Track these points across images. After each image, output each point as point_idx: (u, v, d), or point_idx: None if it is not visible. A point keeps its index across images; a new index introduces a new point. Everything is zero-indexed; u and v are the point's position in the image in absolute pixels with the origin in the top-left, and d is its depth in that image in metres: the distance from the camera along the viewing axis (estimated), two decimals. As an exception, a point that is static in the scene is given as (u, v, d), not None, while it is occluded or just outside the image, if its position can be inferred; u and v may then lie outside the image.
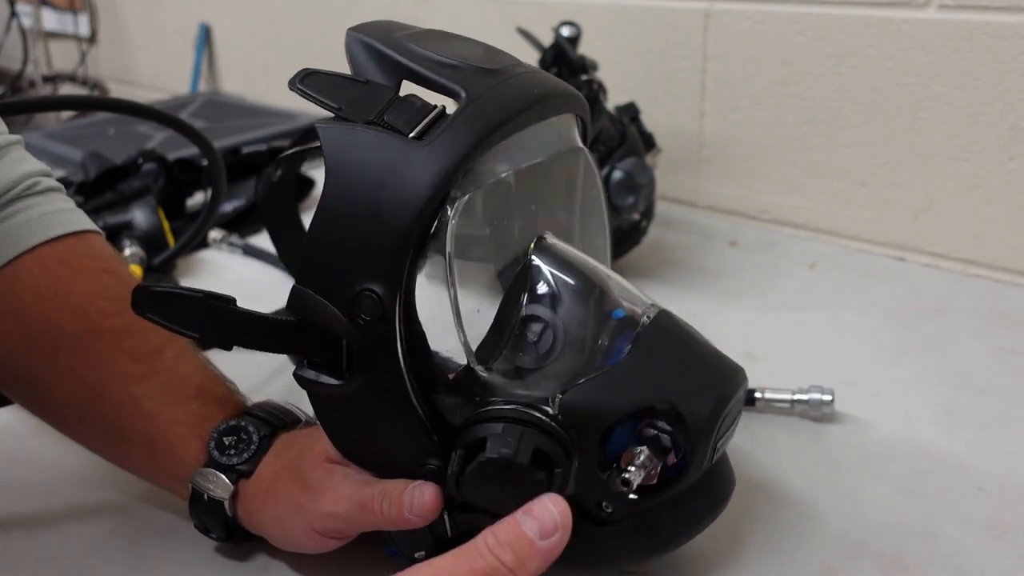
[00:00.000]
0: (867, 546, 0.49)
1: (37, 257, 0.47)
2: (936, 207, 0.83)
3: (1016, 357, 0.68)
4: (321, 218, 0.39)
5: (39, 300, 0.47)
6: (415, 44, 0.42)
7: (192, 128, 0.70)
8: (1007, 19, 0.74)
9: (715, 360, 0.43)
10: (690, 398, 0.41)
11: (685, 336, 0.44)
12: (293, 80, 0.41)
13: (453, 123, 0.39)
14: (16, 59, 2.07)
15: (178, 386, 0.48)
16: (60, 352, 0.47)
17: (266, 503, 0.46)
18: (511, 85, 0.41)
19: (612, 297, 0.45)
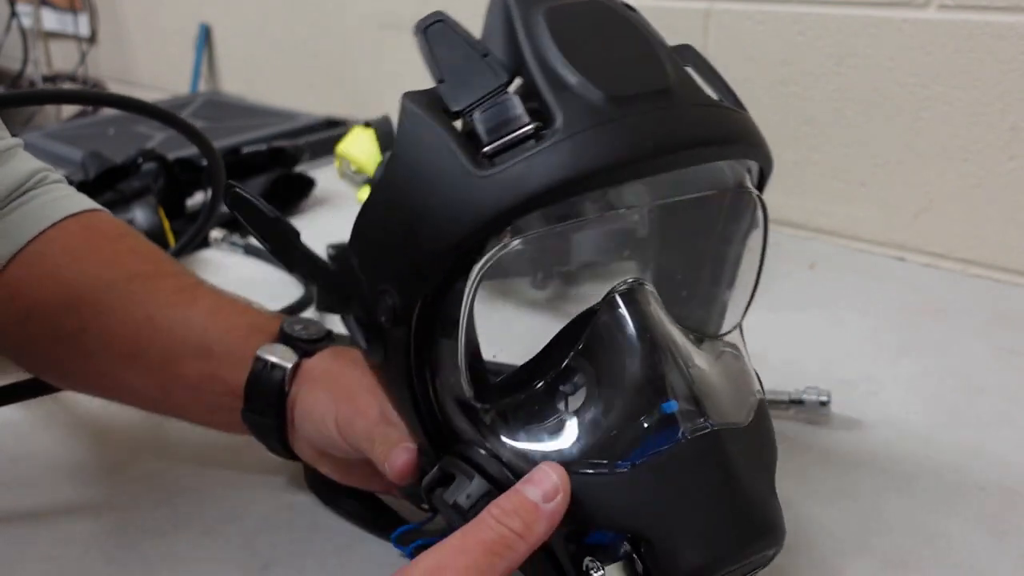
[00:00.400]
0: (867, 546, 0.49)
1: (62, 229, 0.50)
2: (936, 207, 0.83)
3: (1016, 357, 0.68)
4: (372, 200, 0.38)
5: (73, 260, 0.49)
6: (551, 29, 0.36)
7: (192, 127, 0.70)
8: (1007, 19, 0.74)
9: (741, 513, 0.36)
10: (677, 544, 0.35)
11: (722, 469, 0.36)
12: (422, 23, 0.37)
13: (530, 159, 0.33)
14: (16, 59, 2.07)
15: (227, 305, 0.51)
16: (102, 296, 0.49)
17: (319, 383, 0.48)
18: (628, 126, 0.34)
19: (675, 384, 0.37)
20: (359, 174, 0.84)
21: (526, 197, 0.33)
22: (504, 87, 0.35)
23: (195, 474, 0.56)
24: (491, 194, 0.33)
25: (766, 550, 0.36)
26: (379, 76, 1.36)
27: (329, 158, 1.11)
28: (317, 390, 0.48)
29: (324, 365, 0.49)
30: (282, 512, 0.52)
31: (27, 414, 0.63)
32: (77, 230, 0.50)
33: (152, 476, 0.56)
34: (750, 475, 0.37)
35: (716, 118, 0.37)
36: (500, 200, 0.33)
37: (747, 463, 0.37)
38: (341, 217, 1.02)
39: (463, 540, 0.33)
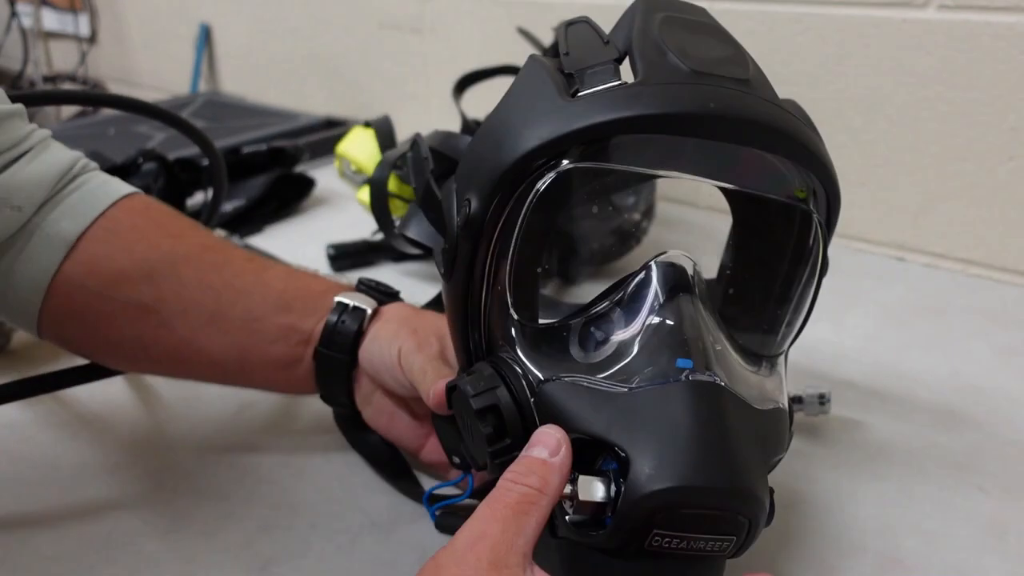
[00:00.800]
0: (867, 546, 0.49)
1: (123, 208, 0.51)
2: (936, 207, 0.83)
3: (1016, 357, 0.68)
4: (478, 130, 0.43)
5: (144, 234, 0.51)
6: (660, 27, 0.41)
7: (192, 127, 0.70)
8: (1007, 19, 0.74)
9: (721, 461, 0.36)
10: (650, 465, 0.36)
11: (714, 417, 0.37)
12: (568, 21, 0.44)
13: (605, 93, 0.38)
14: (16, 59, 2.07)
15: (298, 271, 0.55)
16: (180, 267, 0.51)
17: (393, 321, 0.52)
18: (698, 88, 0.38)
19: (697, 349, 0.39)
20: (359, 174, 0.84)
21: (590, 122, 0.38)
22: (612, 61, 0.40)
23: (195, 474, 0.56)
24: (566, 115, 0.38)
25: (737, 508, 0.36)
26: (379, 76, 1.36)
27: (329, 158, 1.11)
28: (389, 324, 0.52)
29: (398, 310, 0.54)
30: (282, 512, 0.52)
31: (27, 414, 0.63)
32: (138, 208, 0.52)
33: (152, 476, 0.56)
34: (741, 440, 0.37)
35: (783, 115, 0.40)
36: (571, 121, 0.38)
37: (743, 433, 0.38)
38: (341, 217, 1.02)
39: (491, 509, 0.35)
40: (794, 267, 0.45)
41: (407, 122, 1.12)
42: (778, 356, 0.46)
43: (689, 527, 0.36)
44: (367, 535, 0.50)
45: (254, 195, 1.00)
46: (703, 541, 0.36)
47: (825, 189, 0.43)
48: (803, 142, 0.40)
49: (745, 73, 0.40)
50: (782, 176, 0.42)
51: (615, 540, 0.36)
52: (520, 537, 0.34)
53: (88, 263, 0.49)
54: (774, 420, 0.41)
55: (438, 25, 1.22)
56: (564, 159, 0.39)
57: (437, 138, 0.71)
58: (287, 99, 1.50)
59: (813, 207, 0.44)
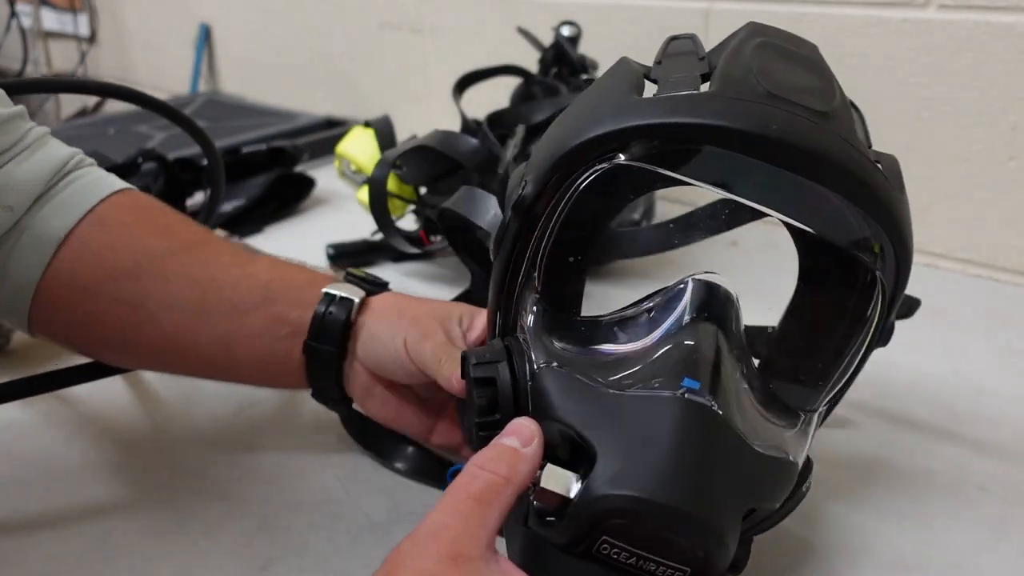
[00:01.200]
0: (867, 546, 0.49)
1: (112, 204, 0.51)
2: (936, 207, 0.83)
3: (1016, 357, 0.68)
4: (561, 112, 0.44)
5: (131, 231, 0.52)
6: (753, 49, 0.41)
7: (195, 125, 0.70)
8: (1007, 19, 0.74)
9: (686, 486, 0.34)
10: (612, 467, 0.35)
11: (695, 440, 0.36)
12: (673, 36, 0.45)
13: (669, 98, 0.38)
14: (16, 59, 2.07)
15: (285, 262, 0.55)
16: (166, 263, 0.51)
17: (386, 312, 0.52)
18: (761, 109, 0.37)
19: (707, 373, 0.38)
20: (359, 174, 0.84)
21: (642, 122, 0.37)
22: (699, 75, 0.40)
23: (195, 474, 0.56)
24: (625, 113, 0.38)
25: (692, 536, 0.34)
26: (379, 76, 1.36)
27: (329, 158, 1.11)
28: (384, 317, 0.51)
29: (389, 300, 0.53)
30: (282, 512, 0.52)
31: (27, 414, 0.63)
32: (128, 204, 0.52)
33: (152, 476, 0.56)
34: (717, 470, 0.36)
35: (851, 153, 0.37)
36: (626, 118, 0.38)
37: (725, 465, 0.36)
38: (341, 217, 1.02)
39: (454, 498, 0.34)
40: (848, 326, 0.43)
41: (407, 122, 1.12)
42: (809, 412, 0.43)
43: (640, 543, 0.34)
44: (367, 535, 0.50)
45: (254, 195, 1.00)
46: (654, 564, 0.34)
47: (895, 250, 0.39)
48: (865, 183, 0.37)
49: (826, 106, 0.39)
50: (851, 226, 0.39)
51: (566, 536, 0.35)
52: (483, 528, 0.33)
53: (75, 260, 0.49)
54: (773, 468, 0.39)
55: (438, 25, 1.22)
56: (621, 155, 0.38)
57: (437, 138, 0.71)
58: (287, 99, 1.50)
59: (879, 267, 0.40)
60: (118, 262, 0.50)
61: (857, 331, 0.42)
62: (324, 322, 0.51)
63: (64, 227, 0.49)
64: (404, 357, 0.49)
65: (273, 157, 1.06)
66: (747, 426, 0.38)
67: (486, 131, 0.70)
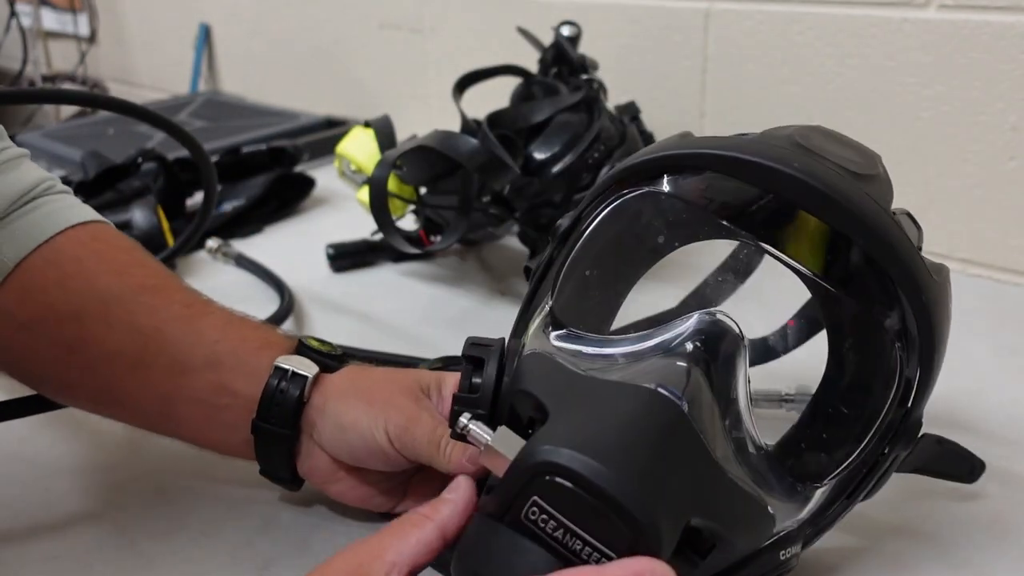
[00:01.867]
0: (867, 546, 0.49)
1: (70, 237, 0.49)
2: (936, 207, 0.83)
3: (1016, 357, 0.68)
4: None
5: (82, 269, 0.49)
6: (796, 127, 0.43)
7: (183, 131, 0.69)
8: (1007, 19, 0.74)
9: (636, 464, 0.34)
10: (559, 430, 0.35)
11: (652, 429, 0.35)
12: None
13: (710, 139, 0.41)
14: (16, 59, 2.07)
15: (238, 320, 0.51)
16: (111, 308, 0.48)
17: (345, 395, 0.47)
18: (785, 152, 0.38)
19: (682, 385, 0.37)
20: (359, 174, 0.84)
21: (666, 153, 0.41)
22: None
23: (195, 474, 0.56)
24: (666, 150, 0.42)
25: (617, 513, 0.33)
26: (379, 76, 1.36)
27: (329, 158, 1.11)
28: (350, 401, 0.47)
29: (350, 376, 0.49)
30: (282, 512, 0.52)
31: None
32: (85, 239, 0.50)
33: (152, 476, 0.56)
34: (667, 465, 0.35)
35: (876, 210, 0.38)
36: (662, 152, 0.42)
37: (678, 464, 0.35)
38: (341, 217, 1.02)
39: (378, 531, 0.38)
40: (861, 403, 0.42)
41: (407, 122, 1.12)
42: (807, 484, 0.41)
43: (567, 510, 0.33)
44: (367, 536, 0.50)
45: (254, 195, 1.00)
46: (580, 542, 0.33)
47: (916, 321, 0.39)
48: (879, 231, 0.37)
49: (859, 169, 0.39)
50: (870, 285, 0.39)
51: (500, 496, 0.35)
52: (390, 550, 0.36)
53: (20, 293, 0.47)
54: (736, 494, 0.37)
55: (438, 25, 1.22)
56: (651, 186, 0.42)
57: (437, 138, 0.71)
58: (287, 99, 1.50)
59: (900, 351, 0.39)
60: (62, 301, 0.48)
61: (870, 413, 0.41)
62: (274, 400, 0.47)
63: (15, 257, 0.47)
64: (388, 448, 0.46)
65: (273, 157, 1.06)
66: (719, 450, 0.37)
67: (486, 131, 0.70)
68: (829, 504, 0.42)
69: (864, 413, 0.41)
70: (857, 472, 0.41)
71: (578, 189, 0.74)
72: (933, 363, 0.40)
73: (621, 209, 0.43)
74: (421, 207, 0.81)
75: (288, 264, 0.87)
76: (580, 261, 0.44)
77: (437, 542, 0.37)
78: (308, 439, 0.48)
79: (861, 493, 0.42)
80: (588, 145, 0.73)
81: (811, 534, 0.43)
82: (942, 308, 0.39)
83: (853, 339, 0.43)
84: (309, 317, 0.78)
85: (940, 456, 0.47)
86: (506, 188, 0.73)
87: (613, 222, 0.44)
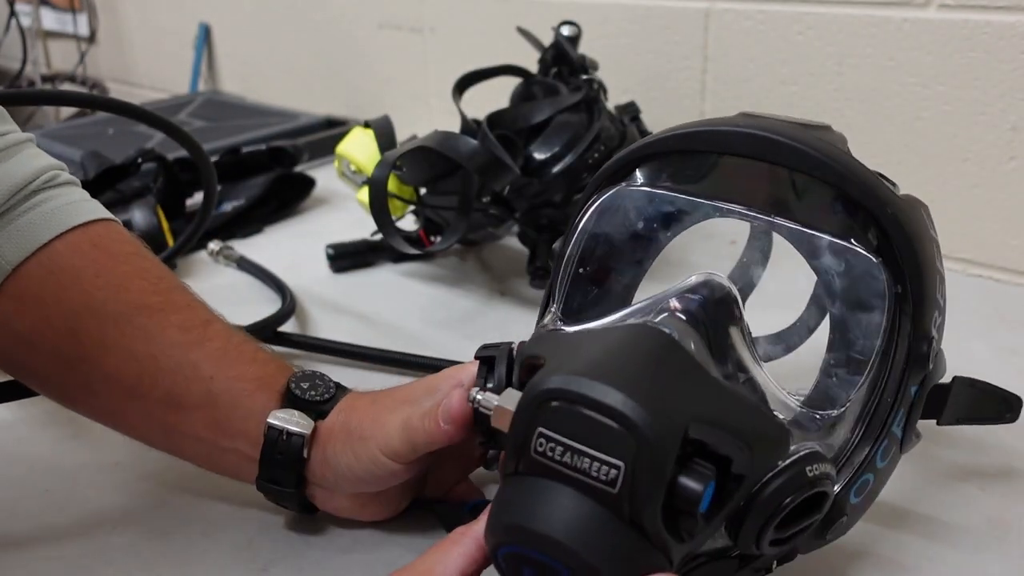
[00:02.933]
0: (867, 546, 0.49)
1: (69, 242, 0.47)
2: (936, 207, 0.82)
3: (1016, 357, 0.68)
4: None
5: (79, 281, 0.47)
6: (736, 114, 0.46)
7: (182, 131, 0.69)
8: (1007, 19, 0.74)
9: (631, 375, 0.34)
10: (552, 366, 0.36)
11: (645, 352, 0.36)
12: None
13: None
14: (15, 58, 2.07)
15: (235, 349, 0.49)
16: (107, 329, 0.47)
17: (340, 440, 0.47)
18: (730, 119, 0.43)
19: (672, 319, 0.40)
20: (359, 174, 0.84)
21: (631, 148, 0.46)
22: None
23: (195, 474, 0.56)
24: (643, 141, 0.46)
25: (621, 420, 0.32)
26: (379, 76, 1.36)
27: (329, 158, 1.11)
28: (341, 446, 0.47)
29: (344, 419, 0.48)
30: (282, 512, 0.52)
31: (27, 414, 0.63)
32: (85, 247, 0.48)
33: (152, 476, 0.56)
34: (664, 377, 0.35)
35: (830, 146, 0.41)
36: (629, 148, 0.47)
37: (669, 375, 0.35)
38: (341, 217, 1.02)
39: (426, 551, 0.39)
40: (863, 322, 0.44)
41: (407, 122, 1.12)
42: (826, 414, 0.41)
43: (569, 431, 0.33)
44: (367, 536, 0.50)
45: (254, 195, 1.00)
46: (587, 459, 0.33)
47: (890, 232, 0.41)
48: (828, 159, 0.40)
49: (807, 123, 0.42)
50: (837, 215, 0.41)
51: (510, 444, 0.35)
52: (436, 567, 0.37)
53: (18, 302, 0.46)
54: (741, 404, 0.37)
55: (438, 25, 1.22)
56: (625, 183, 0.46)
57: (437, 138, 0.71)
58: (287, 99, 1.50)
59: (884, 266, 0.41)
60: (59, 317, 0.46)
61: (871, 330, 0.42)
62: (274, 463, 0.47)
63: (13, 261, 0.45)
64: (391, 464, 0.45)
65: (273, 157, 1.06)
66: (715, 373, 0.39)
67: (486, 131, 0.70)
68: (862, 440, 0.42)
69: (867, 333, 0.43)
70: (883, 404, 0.42)
71: (578, 189, 0.74)
72: (922, 275, 0.42)
73: (604, 209, 0.47)
74: (421, 207, 0.81)
75: (288, 264, 0.87)
76: (577, 263, 0.47)
77: (478, 553, 0.37)
78: (318, 488, 0.49)
79: (893, 425, 0.42)
80: (588, 145, 0.73)
81: (855, 473, 0.42)
82: (914, 222, 0.42)
83: (838, 272, 0.45)
84: (309, 317, 0.78)
85: (976, 399, 0.48)
86: (506, 188, 0.73)
87: (600, 223, 0.48)
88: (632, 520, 0.33)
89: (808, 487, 0.37)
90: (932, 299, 0.42)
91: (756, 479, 0.36)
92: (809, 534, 0.40)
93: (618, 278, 0.51)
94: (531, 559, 0.34)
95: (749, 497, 0.36)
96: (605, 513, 0.33)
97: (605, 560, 0.32)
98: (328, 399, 0.49)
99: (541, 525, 0.33)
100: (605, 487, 0.32)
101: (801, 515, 0.38)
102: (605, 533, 0.33)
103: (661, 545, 0.33)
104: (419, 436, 0.44)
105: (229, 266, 0.89)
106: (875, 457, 0.42)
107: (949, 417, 0.46)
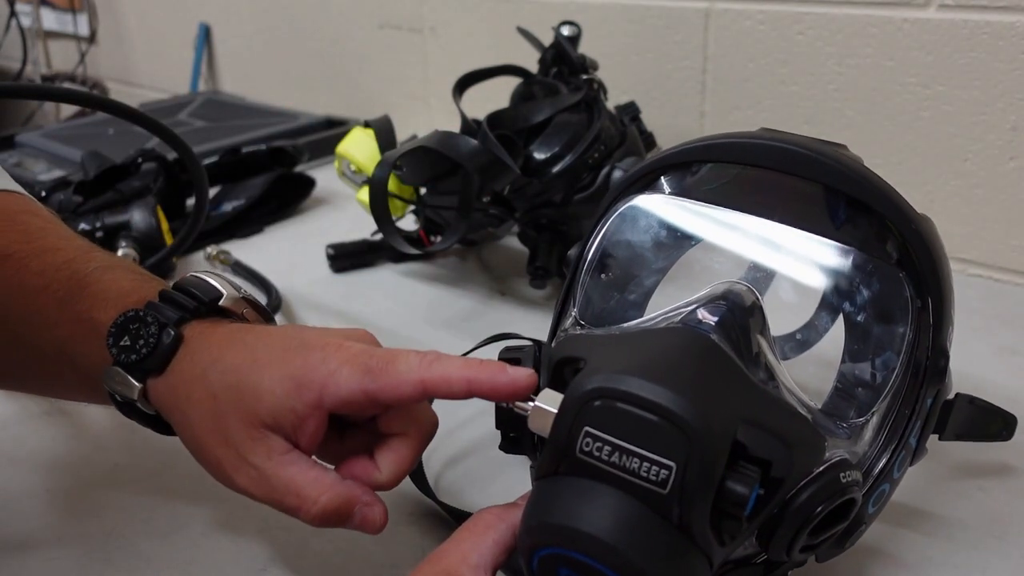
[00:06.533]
0: (867, 546, 0.49)
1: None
2: (936, 207, 0.83)
3: (1016, 357, 0.68)
4: None
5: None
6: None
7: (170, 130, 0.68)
8: (1007, 19, 0.74)
9: (678, 374, 0.35)
10: (595, 366, 0.36)
11: (688, 353, 0.37)
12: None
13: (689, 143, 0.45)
14: (15, 58, 2.07)
15: (77, 284, 0.44)
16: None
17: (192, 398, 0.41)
18: (751, 133, 0.43)
19: (707, 324, 0.40)
20: (359, 174, 0.84)
21: (651, 159, 0.47)
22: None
23: (195, 474, 0.56)
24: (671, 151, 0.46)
25: (670, 418, 0.32)
26: (379, 76, 1.36)
27: (329, 158, 1.11)
28: (195, 404, 0.42)
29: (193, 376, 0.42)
30: (282, 513, 0.52)
31: (26, 414, 0.63)
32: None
33: (152, 476, 0.56)
34: (707, 375, 0.35)
35: (858, 162, 0.42)
36: (647, 162, 0.47)
37: (713, 378, 0.35)
38: (341, 217, 1.02)
39: (459, 531, 0.38)
40: (887, 335, 0.43)
41: (407, 122, 1.12)
42: (853, 423, 0.41)
43: (619, 430, 0.33)
44: (366, 537, 0.50)
45: (254, 195, 1.00)
46: (637, 459, 0.32)
47: (913, 247, 0.41)
48: (859, 176, 0.41)
49: (826, 140, 0.43)
50: (860, 227, 0.42)
51: (552, 445, 0.35)
52: (474, 552, 0.36)
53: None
54: (780, 407, 0.37)
55: (438, 25, 1.22)
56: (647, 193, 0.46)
57: (437, 138, 0.71)
58: (287, 99, 1.50)
59: (906, 279, 0.41)
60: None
61: (895, 343, 0.42)
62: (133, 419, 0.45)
63: None
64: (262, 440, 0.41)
65: (273, 157, 1.06)
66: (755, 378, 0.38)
67: (486, 131, 0.70)
68: (882, 450, 0.42)
69: (889, 345, 0.42)
70: (901, 415, 0.42)
71: (578, 189, 0.74)
72: (942, 288, 0.42)
73: (626, 216, 0.47)
74: (421, 207, 0.81)
75: (288, 264, 0.87)
76: (598, 269, 0.47)
77: (511, 541, 0.37)
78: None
79: (910, 436, 0.42)
80: (588, 145, 0.73)
81: (874, 483, 0.42)
82: (935, 239, 0.42)
83: (862, 283, 0.44)
84: (309, 317, 0.78)
85: (976, 416, 0.48)
86: (506, 188, 0.73)
87: (623, 229, 0.48)
88: (680, 522, 0.32)
89: (840, 494, 0.37)
90: (950, 315, 0.43)
91: (794, 483, 0.36)
92: (831, 543, 0.40)
93: (638, 285, 0.51)
94: (573, 561, 0.33)
95: (783, 503, 0.36)
96: (653, 514, 0.32)
97: (652, 562, 0.32)
98: (149, 353, 0.41)
99: (588, 526, 0.33)
100: (655, 488, 0.32)
101: (831, 523, 0.38)
102: (653, 535, 0.32)
103: (705, 548, 0.33)
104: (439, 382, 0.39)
105: (225, 271, 0.89)
106: (893, 467, 0.42)
107: (950, 433, 0.47)
